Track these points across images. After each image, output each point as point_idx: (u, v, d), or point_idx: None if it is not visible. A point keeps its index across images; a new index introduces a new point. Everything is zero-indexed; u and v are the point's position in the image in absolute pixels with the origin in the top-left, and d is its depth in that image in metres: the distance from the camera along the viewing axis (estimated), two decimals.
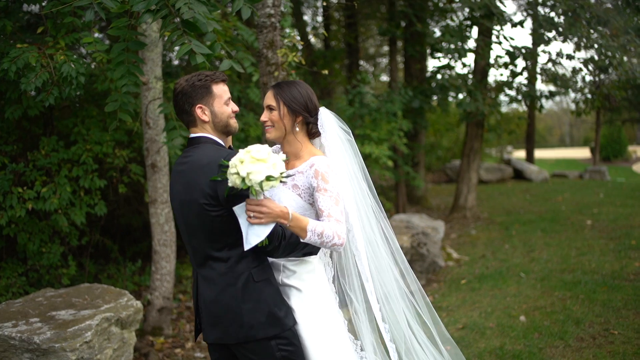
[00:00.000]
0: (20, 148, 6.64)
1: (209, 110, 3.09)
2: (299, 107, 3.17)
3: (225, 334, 2.96)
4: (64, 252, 6.97)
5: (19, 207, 6.04)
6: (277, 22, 6.32)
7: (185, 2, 4.31)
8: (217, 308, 2.96)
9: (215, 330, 2.99)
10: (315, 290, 3.13)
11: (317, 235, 2.90)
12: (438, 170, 22.56)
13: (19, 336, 4.43)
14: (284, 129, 3.17)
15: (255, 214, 2.75)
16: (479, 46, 11.69)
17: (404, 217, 9.89)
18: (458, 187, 13.30)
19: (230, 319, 2.93)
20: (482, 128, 12.85)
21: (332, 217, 2.99)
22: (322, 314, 3.10)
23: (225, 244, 2.94)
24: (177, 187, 3.04)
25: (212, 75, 3.13)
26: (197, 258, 3.04)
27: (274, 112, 3.17)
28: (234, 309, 2.92)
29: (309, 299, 3.10)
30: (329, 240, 2.93)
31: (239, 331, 2.92)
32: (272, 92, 3.21)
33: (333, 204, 3.01)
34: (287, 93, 3.17)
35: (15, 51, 5.41)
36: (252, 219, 2.76)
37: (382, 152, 10.81)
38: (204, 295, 3.01)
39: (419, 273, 7.95)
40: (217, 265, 2.96)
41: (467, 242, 10.70)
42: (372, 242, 3.37)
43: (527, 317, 6.31)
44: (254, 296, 2.93)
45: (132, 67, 4.79)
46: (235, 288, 2.92)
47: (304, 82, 3.28)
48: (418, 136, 14.30)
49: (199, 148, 3.04)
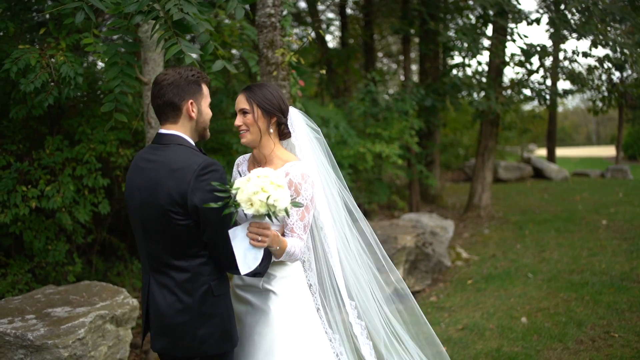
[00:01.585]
0: (27, 147, 6.74)
1: (197, 108, 2.97)
2: (273, 108, 3.15)
3: (175, 346, 2.85)
4: (70, 250, 7.06)
5: (22, 205, 6.13)
6: (277, 22, 6.33)
7: (175, 3, 4.35)
8: (170, 318, 2.83)
9: (164, 341, 2.87)
10: (293, 293, 3.13)
11: (289, 255, 3.00)
12: (457, 169, 22.39)
13: (14, 332, 4.50)
14: (260, 131, 3.14)
15: (262, 237, 2.73)
16: (493, 44, 11.59)
17: (413, 217, 9.86)
18: (472, 186, 13.20)
19: (182, 331, 2.82)
20: (497, 127, 12.73)
21: (295, 233, 3.05)
22: (300, 318, 3.10)
23: (187, 253, 2.80)
24: (138, 183, 2.88)
25: (202, 73, 3.03)
26: (152, 263, 2.90)
27: (247, 116, 3.13)
28: (187, 321, 2.81)
29: (287, 302, 3.10)
30: (295, 258, 3.05)
31: (190, 345, 2.82)
32: (244, 95, 3.17)
33: (298, 219, 3.04)
34: (260, 95, 3.14)
35: (17, 52, 5.49)
36: (259, 242, 2.73)
37: (393, 151, 10.78)
38: (156, 302, 2.87)
39: (424, 273, 7.91)
40: (176, 274, 2.82)
41: (479, 242, 10.62)
42: (343, 239, 3.38)
43: (528, 319, 6.25)
44: (210, 310, 2.83)
45: (126, 68, 4.83)
46: (193, 300, 2.80)
47: (272, 84, 3.28)
48: (433, 135, 14.22)
49: (170, 148, 2.87)
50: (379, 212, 13.05)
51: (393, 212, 13.10)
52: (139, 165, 2.93)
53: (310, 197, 3.06)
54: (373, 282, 3.45)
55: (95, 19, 4.29)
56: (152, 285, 2.90)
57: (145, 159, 2.90)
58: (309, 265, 3.35)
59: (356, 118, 11.51)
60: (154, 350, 2.95)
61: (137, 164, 2.95)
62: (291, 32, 6.35)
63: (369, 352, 3.34)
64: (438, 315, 6.77)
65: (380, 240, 7.41)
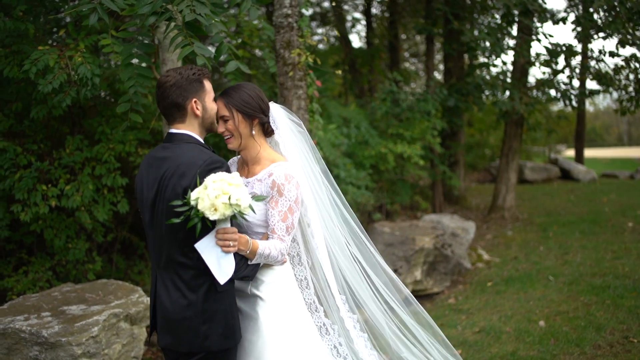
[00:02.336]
0: (48, 147, 6.84)
1: (201, 105, 3.04)
2: (253, 110, 3.14)
3: (179, 341, 2.88)
4: (90, 248, 7.15)
5: (42, 204, 6.22)
6: (294, 22, 6.34)
7: (188, 4, 4.37)
8: (174, 314, 2.87)
9: (169, 336, 2.91)
10: (282, 298, 3.12)
11: (264, 257, 2.97)
12: (483, 170, 22.18)
13: (29, 329, 4.58)
14: (243, 135, 3.14)
15: (232, 242, 2.76)
16: (517, 44, 11.45)
17: (434, 218, 9.80)
18: (496, 187, 13.07)
19: (186, 327, 2.85)
20: (522, 127, 12.59)
21: (276, 234, 3.04)
22: (289, 324, 3.09)
23: (190, 250, 2.83)
24: (149, 180, 2.95)
25: (202, 70, 3.09)
26: (158, 260, 2.95)
27: (229, 122, 3.12)
28: (191, 317, 2.84)
29: (276, 308, 3.08)
30: (274, 259, 3.02)
31: (193, 340, 2.85)
32: (222, 101, 3.14)
33: (279, 220, 3.03)
34: (237, 99, 3.12)
35: (37, 53, 5.57)
36: (230, 248, 2.76)
37: (414, 152, 10.72)
38: (162, 299, 2.93)
39: (443, 274, 7.85)
40: (181, 270, 2.87)
41: (502, 244, 10.51)
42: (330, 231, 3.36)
43: (546, 322, 6.17)
44: (214, 306, 2.86)
45: (141, 69, 4.88)
46: (196, 296, 2.85)
47: (250, 83, 3.27)
48: (457, 135, 14.10)
49: (180, 146, 2.95)
50: (401, 212, 12.99)
51: (416, 212, 13.03)
52: (149, 163, 3.00)
53: (295, 198, 3.05)
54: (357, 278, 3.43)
55: (108, 20, 4.34)
56: (158, 282, 2.96)
57: (156, 157, 2.97)
58: (298, 260, 3.34)
59: (378, 118, 11.47)
60: (160, 346, 3.00)
61: (147, 162, 3.02)
62: (308, 33, 6.34)
63: (364, 344, 3.32)
64: (455, 317, 6.72)
65: (398, 241, 7.43)
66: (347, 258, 3.41)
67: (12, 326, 4.61)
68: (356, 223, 3.48)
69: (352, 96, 16.00)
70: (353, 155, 10.87)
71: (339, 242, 3.41)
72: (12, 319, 4.73)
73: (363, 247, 3.49)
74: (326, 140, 9.43)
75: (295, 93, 6.34)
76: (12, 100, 6.67)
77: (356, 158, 10.84)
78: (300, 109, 6.38)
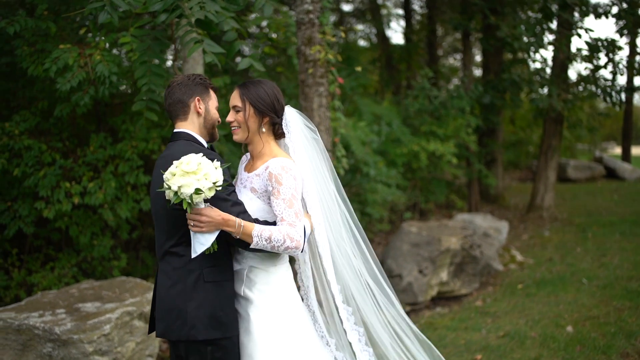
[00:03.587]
0: (74, 144, 6.91)
1: (204, 106, 3.16)
2: (266, 107, 3.09)
3: (169, 330, 2.96)
4: (115, 245, 7.20)
5: (66, 201, 6.28)
6: (315, 19, 6.25)
7: (198, 2, 4.34)
8: (166, 303, 2.96)
9: (162, 325, 2.99)
10: (276, 301, 3.04)
11: (265, 240, 2.87)
12: (525, 168, 21.70)
13: (42, 326, 4.61)
14: (250, 130, 3.10)
15: (195, 222, 2.77)
16: (556, 39, 11.13)
17: (466, 217, 9.59)
18: (535, 186, 12.74)
19: (175, 315, 2.93)
20: (561, 125, 12.23)
21: (285, 221, 2.94)
22: (283, 328, 3.01)
23: (182, 240, 2.94)
24: (154, 179, 3.08)
25: (208, 80, 3.23)
26: (158, 250, 3.06)
27: (240, 113, 3.10)
28: (179, 305, 2.91)
29: (269, 311, 3.01)
30: (280, 244, 2.88)
31: (181, 328, 2.92)
32: (237, 91, 3.13)
33: (286, 207, 2.94)
34: (254, 93, 3.08)
35: (57, 51, 5.62)
36: (193, 227, 2.78)
37: (447, 150, 10.52)
38: (158, 288, 3.03)
39: (471, 276, 7.66)
40: (172, 259, 2.97)
41: (538, 244, 10.23)
42: (337, 240, 3.26)
43: (574, 328, 5.94)
44: (201, 296, 2.92)
45: (154, 67, 4.86)
46: (185, 284, 2.92)
47: (271, 81, 3.20)
48: (495, 133, 13.80)
49: (177, 144, 3.07)
50: (436, 211, 12.79)
51: (451, 211, 12.80)
52: (156, 162, 3.14)
53: (295, 187, 2.98)
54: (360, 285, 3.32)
55: (117, 18, 4.32)
56: (158, 273, 3.09)
57: (160, 156, 3.12)
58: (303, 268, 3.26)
59: (412, 116, 11.29)
60: (156, 336, 3.08)
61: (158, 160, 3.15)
62: (329, 29, 6.24)
63: (368, 358, 3.22)
64: (481, 320, 6.54)
65: (424, 242, 7.28)
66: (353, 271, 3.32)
67: (26, 322, 4.66)
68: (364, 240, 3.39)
69: (389, 93, 15.84)
70: (385, 153, 10.73)
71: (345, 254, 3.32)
72: (28, 315, 4.78)
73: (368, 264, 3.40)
74: (356, 138, 9.31)
75: (317, 90, 6.25)
76: (39, 99, 6.76)
77: (388, 156, 10.70)
78: (322, 106, 6.30)
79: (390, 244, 7.94)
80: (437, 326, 6.51)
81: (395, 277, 7.22)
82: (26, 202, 6.48)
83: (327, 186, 3.27)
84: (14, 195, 6.57)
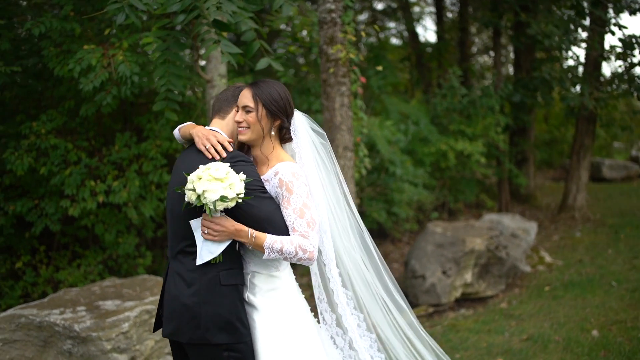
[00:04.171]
0: (100, 143, 7.02)
1: None
2: (279, 110, 3.03)
3: (180, 331, 2.90)
4: (139, 243, 7.29)
5: (90, 199, 6.38)
6: (337, 18, 6.23)
7: (214, 3, 4.34)
8: (178, 303, 2.90)
9: (171, 325, 2.93)
10: (280, 307, 3.01)
11: (277, 252, 2.84)
12: (560, 167, 21.33)
13: (62, 323, 4.69)
14: (261, 132, 3.02)
15: (209, 230, 2.77)
16: (589, 36, 10.90)
17: (494, 217, 9.46)
18: (566, 186, 12.49)
19: (188, 317, 2.87)
20: (594, 124, 11.98)
21: (297, 232, 2.89)
22: (287, 334, 2.97)
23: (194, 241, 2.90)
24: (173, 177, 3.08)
25: None
26: (171, 249, 3.02)
27: (251, 114, 3.00)
28: (193, 307, 2.86)
29: (272, 317, 2.98)
30: (292, 256, 2.86)
31: (194, 331, 2.87)
32: (250, 91, 3.03)
33: (297, 217, 2.90)
34: (267, 94, 3.01)
35: (82, 52, 5.70)
36: (207, 235, 2.78)
37: (475, 149, 10.39)
38: (169, 287, 2.98)
39: (497, 277, 7.55)
40: (186, 260, 2.93)
41: (568, 245, 10.03)
42: (347, 248, 3.22)
43: (600, 332, 5.82)
44: (216, 299, 2.87)
45: (173, 67, 4.89)
46: (200, 286, 2.87)
47: (281, 83, 3.15)
48: (527, 131, 13.58)
49: None
50: (465, 211, 12.65)
51: (481, 211, 12.65)
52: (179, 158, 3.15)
53: (306, 194, 2.94)
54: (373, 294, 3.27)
55: (136, 19, 4.35)
56: (168, 272, 3.04)
57: (184, 152, 3.11)
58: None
59: (441, 114, 11.18)
60: (163, 336, 3.04)
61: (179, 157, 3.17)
62: (351, 29, 6.20)
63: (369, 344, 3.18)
64: (504, 323, 6.45)
65: (448, 243, 7.20)
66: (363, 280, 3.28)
67: (47, 319, 4.73)
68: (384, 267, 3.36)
69: (419, 92, 15.72)
70: (413, 153, 10.65)
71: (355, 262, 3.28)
72: (49, 312, 4.86)
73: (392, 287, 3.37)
74: (382, 137, 9.26)
75: (338, 89, 6.24)
76: (66, 98, 6.87)
77: (416, 155, 10.62)
78: (344, 105, 6.27)
79: (415, 244, 7.88)
80: (459, 328, 6.43)
81: (419, 278, 7.16)
82: (53, 200, 6.59)
83: (335, 192, 3.22)
84: (41, 193, 6.70)
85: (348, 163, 6.33)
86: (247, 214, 2.85)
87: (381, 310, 3.28)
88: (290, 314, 3.02)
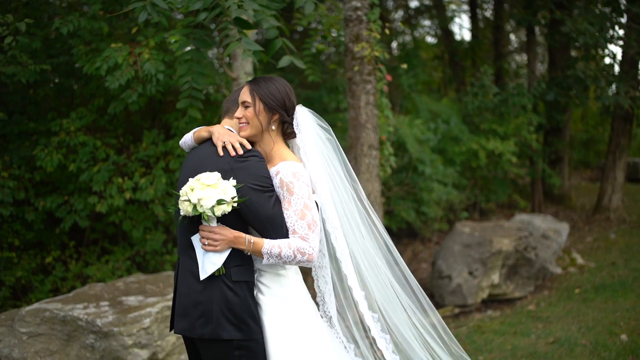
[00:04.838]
0: (128, 141, 7.10)
1: None
2: (276, 104, 3.02)
3: (192, 327, 2.89)
4: (167, 240, 7.36)
5: (118, 196, 6.46)
6: (363, 15, 6.20)
7: (236, 1, 4.35)
8: (189, 300, 2.89)
9: (183, 321, 2.93)
10: (287, 305, 2.98)
11: (276, 257, 2.84)
12: (596, 167, 20.92)
13: (86, 318, 4.76)
14: (260, 126, 3.01)
15: (209, 241, 2.77)
16: (626, 33, 10.65)
17: (525, 218, 9.32)
18: (602, 187, 12.24)
19: (199, 313, 2.86)
20: (631, 123, 11.71)
21: (297, 234, 2.88)
22: (294, 330, 2.95)
23: None
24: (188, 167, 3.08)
25: None
26: (183, 246, 3.00)
27: (249, 109, 3.00)
28: (205, 303, 2.85)
29: (279, 315, 2.96)
30: (291, 259, 2.85)
31: (205, 327, 2.86)
32: (248, 87, 3.05)
33: (297, 219, 2.88)
34: (264, 89, 3.01)
35: (109, 50, 5.77)
36: (207, 246, 2.78)
37: (507, 148, 10.24)
38: (180, 284, 2.98)
39: (525, 279, 7.44)
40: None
41: (602, 247, 9.83)
42: (360, 244, 3.17)
43: (629, 336, 5.68)
44: (228, 295, 2.86)
45: (195, 65, 4.91)
46: (211, 282, 2.86)
47: (282, 79, 3.14)
48: (561, 131, 13.34)
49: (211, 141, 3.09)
50: (497, 211, 12.49)
51: (513, 211, 12.47)
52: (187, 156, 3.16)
53: (307, 195, 2.91)
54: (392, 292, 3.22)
55: (158, 17, 4.39)
56: (179, 269, 3.03)
57: (193, 151, 3.14)
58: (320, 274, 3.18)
59: (473, 113, 11.04)
60: (175, 332, 3.03)
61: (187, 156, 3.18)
62: (376, 26, 6.16)
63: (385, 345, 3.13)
64: (531, 325, 6.34)
65: (476, 243, 7.11)
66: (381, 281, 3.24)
67: (71, 314, 4.81)
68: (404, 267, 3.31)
69: (452, 90, 15.57)
70: (444, 152, 10.54)
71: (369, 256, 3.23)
72: (73, 307, 4.93)
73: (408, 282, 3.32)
74: (411, 136, 9.19)
75: (364, 88, 6.20)
76: (96, 96, 6.97)
77: (447, 154, 10.51)
78: (369, 104, 6.24)
79: (442, 244, 7.81)
80: (485, 330, 6.35)
81: (445, 278, 7.09)
82: (81, 196, 6.70)
83: (345, 187, 3.18)
84: (71, 189, 6.81)
85: (373, 162, 6.30)
86: (251, 212, 2.84)
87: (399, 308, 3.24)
88: (298, 312, 3.00)
